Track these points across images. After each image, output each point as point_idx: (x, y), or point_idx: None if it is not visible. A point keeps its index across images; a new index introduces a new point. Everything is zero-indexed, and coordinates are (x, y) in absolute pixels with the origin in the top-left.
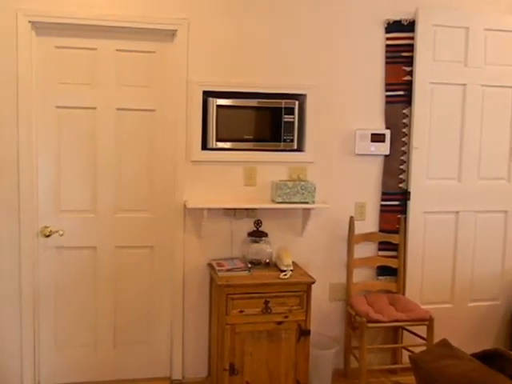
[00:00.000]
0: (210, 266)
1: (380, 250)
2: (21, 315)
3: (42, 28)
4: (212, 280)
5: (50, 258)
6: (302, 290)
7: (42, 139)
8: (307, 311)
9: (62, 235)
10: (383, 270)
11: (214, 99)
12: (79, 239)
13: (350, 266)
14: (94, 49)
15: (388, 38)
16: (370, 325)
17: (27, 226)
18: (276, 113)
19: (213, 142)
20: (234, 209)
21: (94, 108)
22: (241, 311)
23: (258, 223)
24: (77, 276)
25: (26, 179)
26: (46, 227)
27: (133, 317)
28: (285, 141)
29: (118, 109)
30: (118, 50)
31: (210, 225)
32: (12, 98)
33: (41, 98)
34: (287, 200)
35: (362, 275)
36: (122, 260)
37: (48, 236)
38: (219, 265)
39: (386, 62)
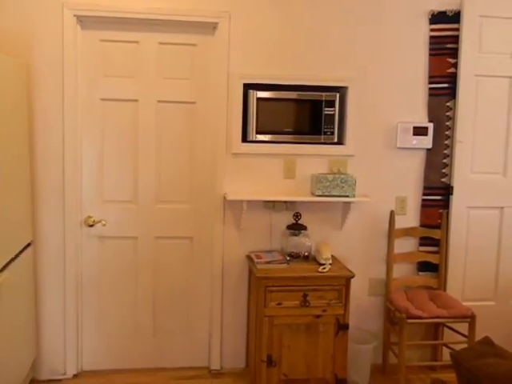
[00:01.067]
0: (249, 258)
1: (421, 245)
2: (65, 303)
3: (86, 22)
4: (251, 272)
5: (93, 247)
6: (341, 284)
7: (86, 131)
8: (346, 305)
9: (104, 225)
10: (424, 266)
11: (255, 92)
12: (121, 229)
13: (389, 260)
14: (137, 42)
15: (432, 30)
16: (409, 321)
17: (71, 215)
18: (316, 105)
19: (253, 135)
20: (274, 201)
21: (136, 100)
22: (279, 304)
23: (297, 216)
24: (118, 265)
25: (71, 170)
26: (90, 217)
27: (172, 306)
28: (325, 133)
29: (159, 101)
30: (160, 43)
31: (249, 217)
32: (58, 91)
33: (85, 91)
34: (327, 193)
35: (401, 270)
36: (161, 250)
37: (91, 226)
38: (258, 257)
39: (430, 54)
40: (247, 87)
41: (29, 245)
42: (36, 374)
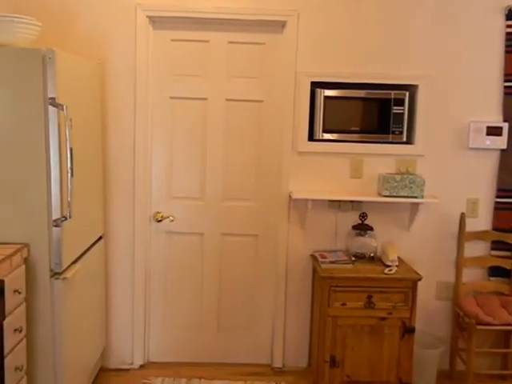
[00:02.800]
0: (313, 257)
1: (493, 249)
2: (133, 295)
3: (158, 22)
4: (315, 271)
5: (161, 241)
6: (408, 286)
7: (156, 128)
8: (412, 308)
9: (172, 221)
10: (495, 271)
11: (322, 90)
12: (188, 225)
13: (459, 264)
14: (207, 41)
15: (509, 26)
16: (479, 327)
17: (141, 210)
18: (385, 104)
19: (319, 133)
20: (339, 201)
21: (206, 99)
22: (343, 304)
23: (363, 216)
24: (185, 260)
25: (141, 166)
26: (158, 212)
27: (236, 303)
28: (393, 133)
29: (227, 99)
30: (229, 42)
31: (315, 216)
32: (130, 90)
33: (156, 89)
34: (394, 194)
35: (471, 275)
36: (227, 247)
37: (159, 221)
38: (322, 256)
39: (506, 51)
40: (314, 85)
41: (100, 238)
42: (105, 363)
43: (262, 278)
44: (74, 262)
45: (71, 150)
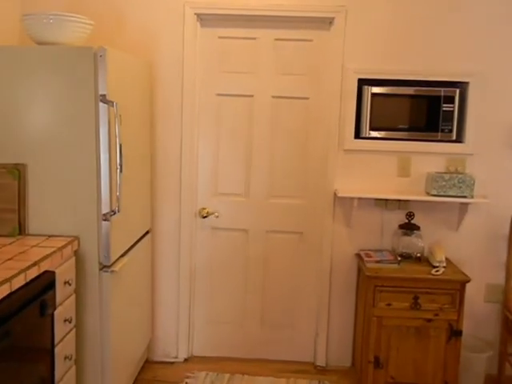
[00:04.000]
0: (358, 256)
1: None
2: (178, 289)
3: (206, 19)
4: (360, 270)
5: (206, 238)
6: (455, 288)
7: (202, 125)
8: (460, 311)
9: (217, 217)
10: None
11: (369, 87)
12: (233, 222)
13: (509, 266)
14: (254, 38)
15: None
16: None
17: (187, 206)
18: (434, 101)
19: (366, 131)
20: (386, 199)
21: (252, 96)
22: (388, 304)
23: (410, 215)
24: (229, 257)
25: (188, 162)
26: (204, 208)
27: (280, 300)
28: (442, 131)
29: (273, 96)
30: (276, 39)
31: (360, 214)
32: (177, 87)
33: (203, 86)
34: (443, 193)
35: None
36: (272, 244)
37: (205, 217)
38: (368, 255)
39: None
40: (362, 82)
41: (147, 232)
42: (150, 355)
43: (306, 276)
44: (122, 255)
45: (120, 146)
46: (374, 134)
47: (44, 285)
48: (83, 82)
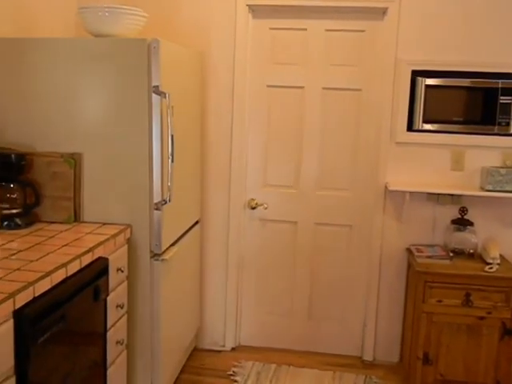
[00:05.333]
0: (409, 250)
1: None
2: (226, 279)
3: (258, 11)
4: (410, 265)
5: (254, 228)
6: (509, 285)
7: (252, 116)
8: None
9: (266, 208)
10: None
11: (423, 79)
12: (281, 213)
13: None
14: (305, 29)
15: None
16: None
17: (236, 197)
18: (491, 93)
19: (419, 124)
20: (438, 194)
21: (302, 87)
22: (439, 301)
23: (463, 211)
24: (277, 248)
25: (237, 154)
26: (253, 200)
27: (328, 292)
28: (499, 124)
29: (324, 88)
30: (327, 30)
31: (411, 209)
32: (229, 77)
33: (254, 78)
34: (499, 188)
35: None
36: (320, 236)
37: (254, 208)
38: (418, 250)
39: None
40: (415, 74)
41: (197, 222)
42: (198, 343)
43: (354, 269)
44: (173, 244)
45: (172, 136)
46: (427, 126)
47: (98, 271)
48: (137, 73)
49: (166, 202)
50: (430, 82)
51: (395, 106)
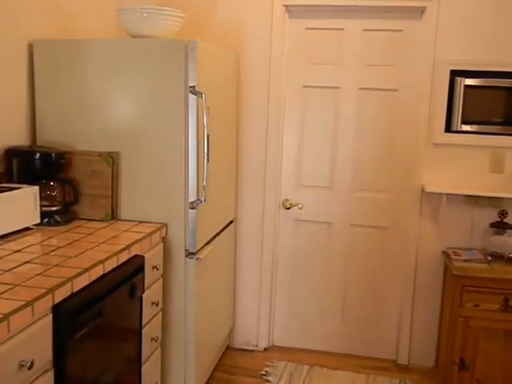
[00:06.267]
0: (446, 254)
1: None
2: (261, 279)
3: (294, 11)
4: (446, 269)
5: (289, 229)
6: None
7: (288, 117)
8: None
9: (300, 209)
10: None
11: (462, 79)
12: (316, 214)
13: None
14: (342, 29)
15: None
16: None
17: (271, 197)
18: None
19: (457, 125)
20: (477, 196)
21: (338, 87)
22: (476, 305)
23: (502, 214)
24: (312, 249)
25: (272, 154)
26: (287, 200)
27: (362, 295)
28: None
29: (360, 88)
30: (364, 30)
31: (448, 211)
32: (264, 77)
33: (289, 78)
34: None
35: None
36: (355, 238)
37: (288, 208)
38: (456, 254)
39: None
40: (454, 74)
41: (231, 222)
42: (231, 342)
43: (389, 272)
44: (207, 243)
45: (208, 136)
46: (466, 127)
47: (134, 268)
48: (174, 73)
49: (201, 202)
50: (469, 82)
51: (433, 107)
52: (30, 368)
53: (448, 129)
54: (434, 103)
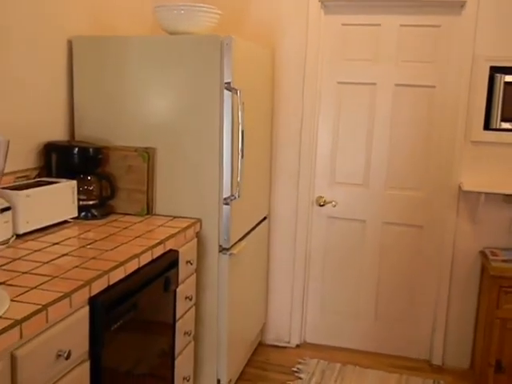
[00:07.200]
0: (483, 254)
1: None
2: (293, 277)
3: (330, 6)
4: (484, 269)
5: (322, 226)
6: None
7: (322, 113)
8: None
9: (334, 206)
10: None
11: (502, 75)
12: (350, 211)
13: None
14: (378, 25)
15: None
16: None
17: (304, 194)
18: None
19: (497, 122)
20: None
21: (374, 84)
22: None
23: None
24: (345, 247)
25: (307, 150)
26: (321, 197)
27: (395, 293)
28: None
29: (396, 85)
30: (401, 26)
31: (486, 210)
32: (299, 74)
33: (324, 74)
34: None
35: None
36: (389, 236)
37: (322, 205)
38: (493, 254)
39: None
40: (494, 70)
41: (265, 218)
42: (264, 338)
43: (424, 271)
44: (241, 239)
45: (243, 132)
46: (506, 125)
47: (168, 262)
48: (210, 69)
49: (235, 198)
50: (510, 78)
51: (471, 104)
52: (67, 358)
53: (487, 126)
54: (473, 100)
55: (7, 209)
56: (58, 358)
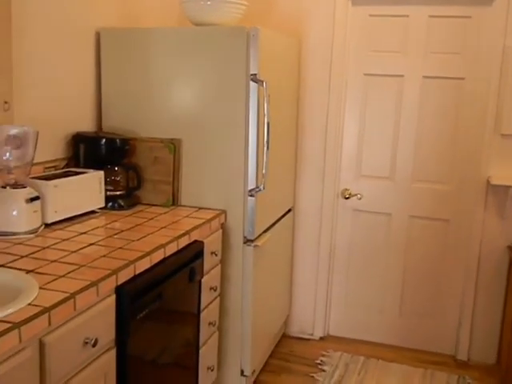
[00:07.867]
0: (511, 249)
1: None
2: (317, 270)
3: None
4: (511, 264)
5: (347, 219)
6: None
7: (348, 105)
8: None
9: (360, 199)
10: None
11: None
12: (375, 204)
13: None
14: (406, 16)
15: None
16: None
17: (329, 186)
18: None
19: None
20: None
21: (402, 76)
22: None
23: None
24: (370, 240)
25: (332, 143)
26: (346, 189)
27: (421, 288)
28: None
29: (424, 77)
30: (430, 16)
31: None
32: (326, 65)
33: (351, 66)
34: None
35: None
36: (415, 230)
37: (347, 198)
38: None
39: None
40: None
41: (290, 210)
42: (287, 330)
43: (450, 266)
44: (265, 231)
45: (268, 124)
46: None
47: (193, 253)
48: (236, 61)
49: (260, 189)
50: None
51: (501, 96)
52: (94, 345)
53: None
54: (503, 93)
55: (36, 198)
56: (85, 346)
